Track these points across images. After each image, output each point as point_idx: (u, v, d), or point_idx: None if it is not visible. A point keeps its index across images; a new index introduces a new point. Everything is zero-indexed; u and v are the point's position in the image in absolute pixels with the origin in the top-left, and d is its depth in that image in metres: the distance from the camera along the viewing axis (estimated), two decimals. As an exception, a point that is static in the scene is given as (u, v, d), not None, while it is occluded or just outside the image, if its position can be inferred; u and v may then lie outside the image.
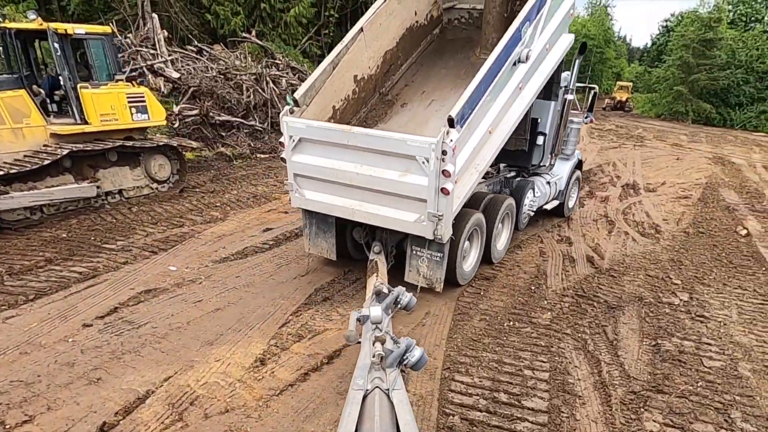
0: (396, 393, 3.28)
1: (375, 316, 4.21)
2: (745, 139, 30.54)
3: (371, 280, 5.81)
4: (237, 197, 10.84)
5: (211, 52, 18.51)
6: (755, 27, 46.13)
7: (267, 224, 9.25)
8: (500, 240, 8.12)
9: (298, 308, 6.31)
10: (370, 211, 6.25)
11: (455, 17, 8.66)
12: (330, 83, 6.82)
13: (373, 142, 5.84)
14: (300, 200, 6.83)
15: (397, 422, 2.99)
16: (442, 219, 5.82)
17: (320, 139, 6.19)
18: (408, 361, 3.67)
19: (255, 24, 21.89)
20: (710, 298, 7.17)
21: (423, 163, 5.55)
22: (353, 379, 3.48)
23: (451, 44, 8.58)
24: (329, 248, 7.23)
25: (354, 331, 4.04)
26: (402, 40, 7.88)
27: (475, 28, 8.46)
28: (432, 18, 8.40)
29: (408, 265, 6.64)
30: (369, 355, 3.66)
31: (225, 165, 13.90)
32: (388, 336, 3.89)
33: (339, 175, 6.23)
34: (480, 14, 8.29)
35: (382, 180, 5.94)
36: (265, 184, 12.13)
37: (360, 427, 2.97)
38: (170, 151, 10.61)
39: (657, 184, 15.10)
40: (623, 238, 9.70)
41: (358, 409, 3.10)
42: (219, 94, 15.26)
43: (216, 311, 6.15)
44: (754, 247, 9.54)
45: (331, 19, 23.33)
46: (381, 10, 7.22)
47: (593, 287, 7.35)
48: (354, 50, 7.02)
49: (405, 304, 4.93)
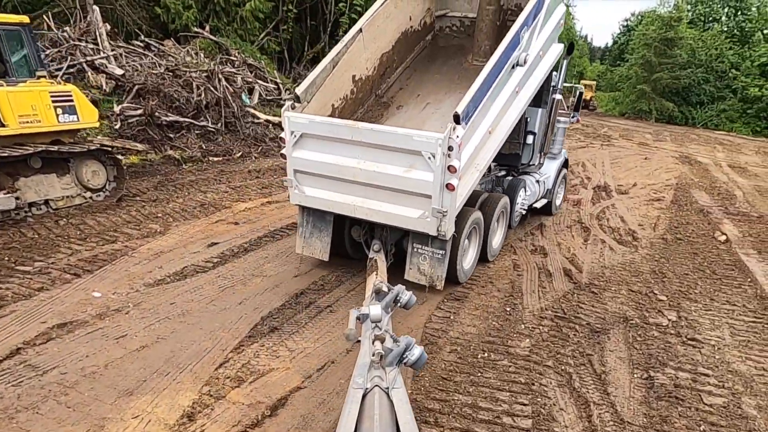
0: (395, 392, 3.26)
1: (375, 314, 4.20)
2: (708, 138, 30.79)
3: (371, 278, 5.74)
4: (182, 206, 9.82)
5: (159, 47, 17.31)
6: (713, 27, 46.91)
7: (213, 238, 8.29)
8: (495, 238, 8.07)
9: (240, 342, 5.42)
10: (373, 208, 6.22)
11: (447, 25, 8.86)
12: (330, 81, 6.87)
13: (378, 137, 5.83)
14: (299, 197, 6.75)
15: (397, 421, 2.97)
16: (446, 215, 5.83)
17: (323, 134, 6.16)
18: (408, 360, 3.66)
19: (209, 18, 20.68)
20: (699, 317, 6.56)
21: (429, 159, 5.54)
22: (353, 377, 3.46)
23: (443, 51, 8.72)
24: (323, 248, 7.09)
25: (353, 330, 3.98)
26: (398, 43, 8.00)
27: (466, 36, 8.66)
28: (425, 24, 8.57)
29: (408, 263, 6.58)
30: (368, 354, 3.64)
31: (173, 169, 12.80)
32: (387, 334, 3.89)
33: (341, 171, 6.20)
34: (471, 23, 8.53)
35: (385, 176, 5.93)
36: (215, 190, 11.12)
37: (359, 425, 2.95)
38: (105, 155, 9.52)
39: (628, 185, 14.66)
40: (600, 247, 9.09)
41: (357, 407, 3.09)
42: (166, 93, 14.13)
43: (141, 349, 5.20)
44: (735, 254, 9.04)
45: (289, 15, 22.24)
46: (379, 13, 7.34)
47: (573, 306, 6.66)
48: (353, 50, 7.09)
49: (405, 302, 4.84)
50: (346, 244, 7.42)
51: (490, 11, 8.00)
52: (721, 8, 49.07)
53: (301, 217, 7.14)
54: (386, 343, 3.67)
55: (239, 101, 16.60)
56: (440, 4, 8.71)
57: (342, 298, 6.54)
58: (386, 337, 3.76)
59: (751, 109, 37.03)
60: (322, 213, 6.89)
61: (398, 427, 2.93)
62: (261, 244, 8.18)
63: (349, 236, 7.36)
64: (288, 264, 7.49)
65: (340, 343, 5.48)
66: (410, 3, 7.98)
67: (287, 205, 10.37)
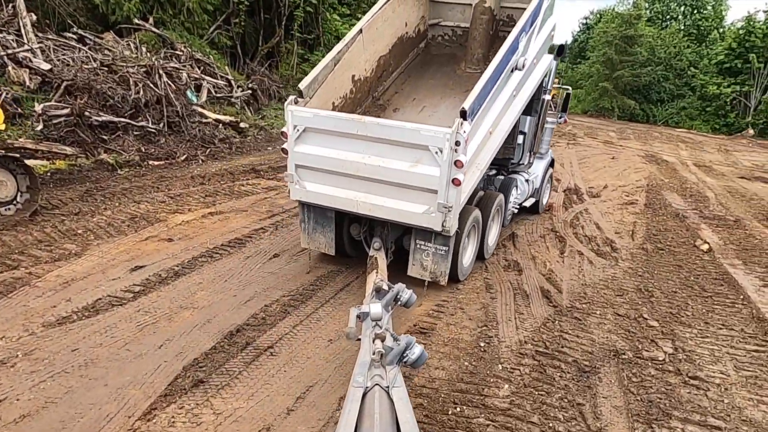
0: (396, 390, 3.25)
1: (375, 313, 4.15)
2: (670, 135, 30.78)
3: (371, 276, 5.72)
4: (109, 220, 8.56)
5: (96, 40, 15.82)
6: (671, 25, 47.41)
7: (139, 259, 7.12)
8: (491, 236, 8.08)
9: (153, 404, 4.31)
10: (376, 203, 6.19)
11: (439, 34, 9.06)
12: (331, 79, 6.88)
13: (384, 131, 5.84)
14: (300, 192, 6.68)
15: (397, 420, 2.97)
16: (452, 210, 5.84)
17: (328, 128, 6.16)
18: (408, 359, 3.64)
19: (153, 10, 19.16)
20: (697, 347, 5.76)
21: (436, 153, 5.59)
22: (353, 376, 3.45)
23: (436, 59, 8.89)
24: (328, 243, 7.11)
25: (354, 328, 3.97)
26: (394, 47, 8.12)
27: (458, 45, 8.90)
28: (419, 32, 8.75)
29: (411, 260, 6.59)
30: (369, 353, 3.63)
31: (106, 176, 11.45)
32: (388, 333, 3.87)
33: (345, 165, 6.17)
34: (463, 32, 8.78)
35: (391, 170, 5.93)
36: (151, 200, 9.86)
37: (360, 424, 2.95)
38: (14, 162, 8.20)
39: (599, 187, 14.01)
40: (578, 261, 8.27)
41: (357, 406, 3.09)
42: (99, 90, 12.72)
43: (21, 420, 4.05)
44: (721, 266, 8.36)
45: (241, 7, 20.86)
46: (378, 15, 7.45)
47: (556, 338, 5.77)
48: (353, 50, 7.14)
49: (405, 301, 4.84)
50: (345, 242, 7.32)
51: (484, 20, 8.25)
52: (678, 6, 49.71)
53: (302, 213, 7.10)
54: (386, 341, 3.67)
55: (184, 99, 15.27)
56: (434, 13, 8.91)
57: (286, 336, 5.48)
58: (386, 336, 3.76)
59: (710, 106, 37.38)
60: (322, 209, 6.84)
61: (398, 426, 2.92)
62: (195, 266, 7.05)
63: (348, 234, 7.29)
64: (225, 292, 6.39)
65: (280, 399, 4.45)
66: (406, 9, 8.16)
67: (231, 215, 9.24)
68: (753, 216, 11.98)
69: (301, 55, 24.04)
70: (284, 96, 21.82)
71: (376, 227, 7.00)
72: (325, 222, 6.98)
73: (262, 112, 20.06)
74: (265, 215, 9.45)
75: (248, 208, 9.85)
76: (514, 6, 8.47)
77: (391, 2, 7.66)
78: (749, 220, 11.54)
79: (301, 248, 7.77)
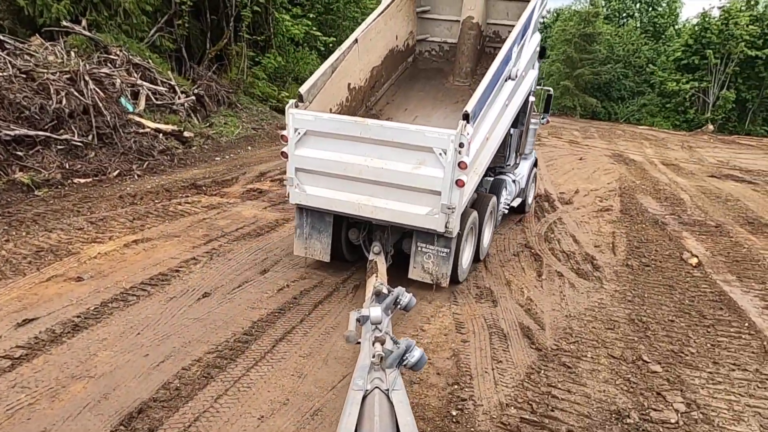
0: (396, 393, 3.22)
1: (375, 316, 4.12)
2: (633, 133, 30.57)
3: (371, 280, 5.66)
4: (8, 256, 7.14)
5: (17, 45, 14.19)
6: (628, 22, 47.70)
7: (33, 308, 5.77)
8: (486, 237, 8.02)
9: None
10: (378, 206, 6.16)
11: (426, 49, 9.30)
12: (329, 85, 6.95)
13: (387, 133, 5.85)
14: (299, 196, 6.62)
15: (397, 423, 2.94)
16: (455, 212, 5.86)
17: (330, 131, 6.15)
18: (408, 362, 3.60)
19: (86, 11, 17.53)
20: (711, 398, 4.79)
21: (440, 155, 5.60)
22: (353, 379, 3.42)
23: (423, 73, 9.11)
24: (323, 249, 6.97)
25: (353, 332, 3.96)
26: (386, 59, 8.29)
27: (445, 61, 9.15)
28: (408, 46, 8.96)
29: (412, 262, 6.55)
30: (369, 356, 3.61)
31: (19, 198, 9.93)
32: (387, 336, 3.83)
33: (347, 168, 6.15)
34: (450, 47, 9.06)
35: (394, 172, 5.92)
36: (66, 227, 8.44)
37: (360, 427, 2.93)
38: None
39: (570, 192, 13.18)
40: (558, 284, 7.29)
41: (357, 409, 3.06)
42: (12, 100, 11.19)
43: None
44: (715, 284, 7.51)
45: (183, 8, 19.35)
46: (372, 26, 7.62)
47: (544, 396, 4.72)
48: (349, 59, 7.26)
49: (405, 304, 4.85)
50: (343, 247, 7.24)
51: (472, 35, 8.58)
52: (634, 4, 50.07)
53: (298, 218, 6.99)
54: (386, 345, 3.65)
55: (117, 107, 13.78)
56: (421, 29, 9.10)
57: (205, 414, 4.26)
58: (386, 339, 3.74)
59: (669, 103, 37.50)
60: (320, 214, 6.80)
61: (398, 429, 2.90)
62: (102, 315, 5.74)
63: (346, 239, 7.22)
64: (134, 350, 5.12)
65: None
66: (397, 23, 8.35)
67: (160, 243, 7.94)
68: (734, 220, 11.29)
69: (252, 57, 22.68)
70: (234, 102, 20.43)
71: (376, 231, 6.94)
72: (322, 227, 6.86)
73: (209, 120, 18.59)
74: (200, 241, 8.17)
75: (181, 232, 8.54)
76: (500, 23, 8.78)
77: (384, 15, 7.83)
78: (731, 225, 10.83)
79: (238, 284, 6.58)
